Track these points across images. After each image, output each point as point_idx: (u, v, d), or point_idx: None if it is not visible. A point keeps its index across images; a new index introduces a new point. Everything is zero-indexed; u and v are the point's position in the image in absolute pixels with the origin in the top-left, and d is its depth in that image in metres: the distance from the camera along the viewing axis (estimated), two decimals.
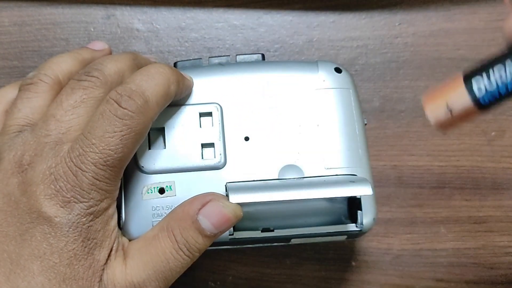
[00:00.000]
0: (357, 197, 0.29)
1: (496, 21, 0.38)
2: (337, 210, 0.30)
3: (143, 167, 0.29)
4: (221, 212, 0.27)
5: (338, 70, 0.32)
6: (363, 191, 0.27)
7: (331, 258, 0.36)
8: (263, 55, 0.33)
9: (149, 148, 0.29)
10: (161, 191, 0.29)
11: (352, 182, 0.28)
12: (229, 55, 0.32)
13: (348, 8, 0.39)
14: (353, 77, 0.32)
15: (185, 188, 0.29)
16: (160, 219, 0.28)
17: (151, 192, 0.29)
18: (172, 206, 0.28)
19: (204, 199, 0.27)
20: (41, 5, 0.39)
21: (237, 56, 0.32)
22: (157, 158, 0.29)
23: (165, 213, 0.28)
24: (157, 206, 0.29)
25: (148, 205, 0.29)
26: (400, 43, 0.38)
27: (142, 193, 0.29)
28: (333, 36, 0.39)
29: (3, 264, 0.25)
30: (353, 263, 0.36)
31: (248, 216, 0.29)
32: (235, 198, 0.27)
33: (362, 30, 0.39)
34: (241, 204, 0.27)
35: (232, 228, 0.28)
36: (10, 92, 0.30)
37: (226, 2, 0.39)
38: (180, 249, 0.26)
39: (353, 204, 0.29)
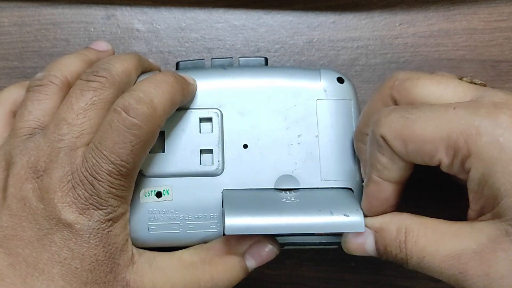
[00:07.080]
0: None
1: (496, 21, 0.38)
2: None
3: (141, 170, 0.29)
4: (267, 254, 0.28)
5: (340, 80, 0.31)
6: (355, 228, 0.27)
7: (331, 259, 0.36)
8: (266, 59, 0.32)
9: (148, 152, 0.29)
10: (158, 195, 0.29)
11: (346, 216, 0.27)
12: (231, 57, 0.32)
13: (348, 8, 0.39)
14: (355, 87, 0.32)
15: (182, 193, 0.29)
16: (156, 223, 0.28)
17: (148, 196, 0.29)
18: (168, 210, 0.28)
19: (252, 239, 0.28)
20: (41, 6, 0.39)
21: (240, 59, 0.32)
22: (156, 162, 0.29)
23: (161, 217, 0.28)
24: (153, 210, 0.29)
25: (145, 208, 0.29)
26: (400, 43, 0.38)
27: (139, 196, 0.29)
28: (333, 36, 0.39)
29: (18, 267, 0.25)
30: (353, 264, 0.36)
31: None
32: (231, 229, 0.26)
33: (362, 31, 0.39)
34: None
35: None
36: (15, 92, 0.30)
37: (226, 2, 0.39)
38: (216, 284, 0.27)
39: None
